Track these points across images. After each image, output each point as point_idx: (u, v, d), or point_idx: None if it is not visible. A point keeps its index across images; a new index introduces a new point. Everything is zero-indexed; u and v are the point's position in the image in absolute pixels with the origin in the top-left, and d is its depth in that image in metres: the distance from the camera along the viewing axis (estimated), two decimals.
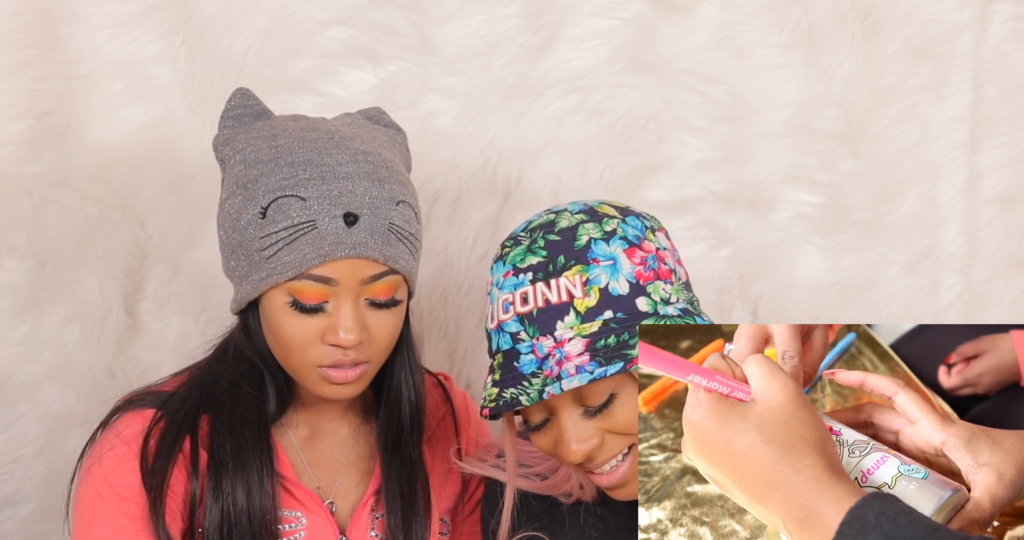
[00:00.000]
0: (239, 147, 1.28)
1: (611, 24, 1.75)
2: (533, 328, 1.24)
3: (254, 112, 1.32)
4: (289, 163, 1.23)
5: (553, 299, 1.24)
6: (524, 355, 1.24)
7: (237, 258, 1.25)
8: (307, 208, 1.21)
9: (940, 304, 1.79)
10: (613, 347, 1.21)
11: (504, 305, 1.26)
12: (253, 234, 1.22)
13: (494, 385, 1.25)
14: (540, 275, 1.25)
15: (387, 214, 1.23)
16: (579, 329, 1.23)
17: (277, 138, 1.26)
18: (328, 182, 1.22)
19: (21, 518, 1.65)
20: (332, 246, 1.21)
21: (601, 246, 1.25)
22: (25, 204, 1.65)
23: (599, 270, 1.24)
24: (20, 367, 1.65)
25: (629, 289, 1.25)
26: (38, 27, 1.65)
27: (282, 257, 1.21)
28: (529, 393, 1.21)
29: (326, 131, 1.27)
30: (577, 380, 1.19)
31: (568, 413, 1.24)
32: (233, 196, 1.25)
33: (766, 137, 1.77)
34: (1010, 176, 1.79)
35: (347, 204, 1.21)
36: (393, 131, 1.37)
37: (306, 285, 1.22)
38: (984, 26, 1.78)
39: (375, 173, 1.25)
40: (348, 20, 1.71)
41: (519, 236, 1.30)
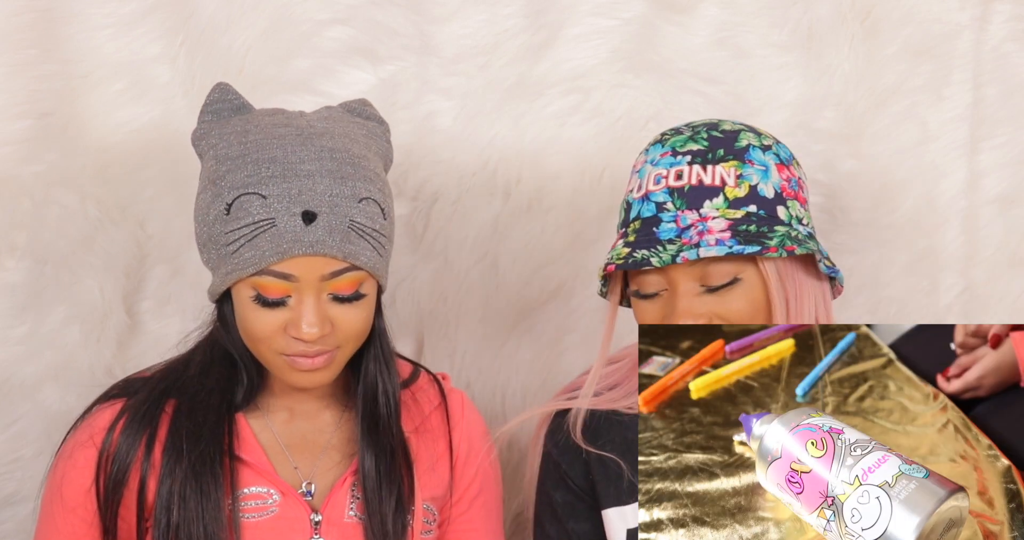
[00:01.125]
0: (213, 142, 1.30)
1: (611, 24, 1.75)
2: (681, 201, 1.33)
3: (233, 107, 1.34)
4: (255, 160, 1.26)
5: (707, 180, 1.34)
6: (665, 223, 1.33)
7: (208, 251, 1.29)
8: (267, 206, 1.23)
9: (940, 304, 1.79)
10: (753, 233, 1.30)
11: (656, 178, 1.35)
12: (219, 229, 1.25)
13: (626, 246, 1.33)
14: (699, 159, 1.35)
15: (347, 212, 1.25)
16: (724, 212, 1.32)
17: (248, 134, 1.29)
18: (289, 180, 1.24)
19: (21, 518, 1.65)
20: (290, 243, 1.23)
21: (758, 153, 1.36)
22: (25, 204, 1.65)
23: (752, 170, 1.34)
24: (20, 367, 1.65)
25: (773, 195, 1.34)
26: (38, 27, 1.65)
27: (244, 253, 1.24)
28: (662, 256, 1.30)
29: (297, 127, 1.29)
30: (716, 250, 1.28)
31: (687, 287, 1.32)
32: (204, 191, 1.29)
33: None
34: (1010, 176, 1.79)
35: (306, 202, 1.24)
36: (374, 124, 1.37)
37: (267, 281, 1.25)
38: (984, 26, 1.78)
39: (339, 170, 1.26)
40: (348, 20, 1.71)
41: (681, 128, 1.40)
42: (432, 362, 1.73)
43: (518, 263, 1.75)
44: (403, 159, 1.73)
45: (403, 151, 1.73)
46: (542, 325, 1.76)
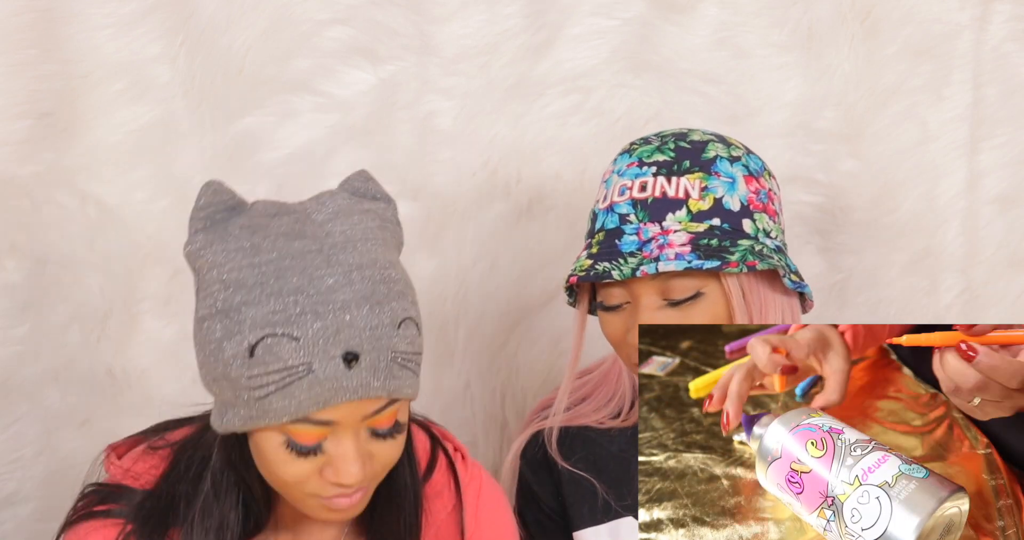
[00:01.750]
0: (215, 261, 1.12)
1: (611, 24, 1.75)
2: (644, 213, 1.32)
3: (227, 207, 1.15)
4: (276, 292, 1.09)
5: (670, 193, 1.32)
6: (628, 235, 1.32)
7: (220, 386, 1.12)
8: (301, 348, 1.07)
9: (940, 304, 1.79)
10: (715, 247, 1.29)
11: (621, 189, 1.35)
12: (240, 372, 1.09)
13: (589, 257, 1.33)
14: (663, 171, 1.33)
15: (390, 343, 1.10)
16: (687, 225, 1.31)
17: (259, 252, 1.11)
18: (323, 316, 1.08)
19: (21, 518, 1.65)
20: (332, 391, 1.08)
21: (725, 164, 1.34)
22: (25, 204, 1.65)
23: (718, 182, 1.33)
24: (20, 367, 1.65)
25: (739, 208, 1.33)
26: (38, 27, 1.65)
27: (275, 401, 1.08)
28: (622, 269, 1.29)
29: (313, 239, 1.12)
30: (674, 265, 1.27)
31: (649, 301, 1.32)
32: (212, 319, 1.11)
33: (766, 137, 1.77)
34: (1010, 176, 1.79)
35: (346, 341, 1.08)
36: (382, 205, 1.21)
37: (303, 428, 1.10)
38: (984, 26, 1.78)
39: (374, 293, 1.11)
40: (348, 20, 1.71)
41: (650, 138, 1.39)
42: (432, 362, 1.73)
43: (518, 263, 1.75)
44: (403, 159, 1.73)
45: (403, 151, 1.73)
46: (542, 325, 1.76)
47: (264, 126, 1.70)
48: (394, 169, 1.73)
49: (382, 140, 1.73)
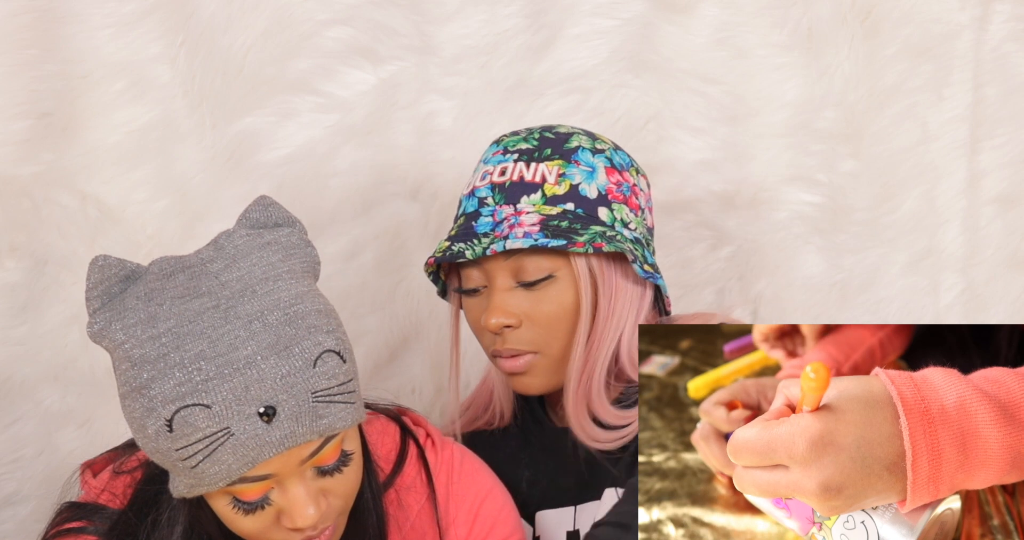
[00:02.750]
0: (118, 340, 1.09)
1: (611, 24, 1.75)
2: (500, 196, 1.35)
3: (119, 278, 1.12)
4: (179, 363, 1.06)
5: (527, 177, 1.35)
6: (484, 217, 1.35)
7: (157, 458, 1.10)
8: (215, 415, 1.04)
9: (940, 304, 1.79)
10: (564, 229, 1.31)
11: (483, 175, 1.38)
12: (166, 445, 1.06)
13: (447, 239, 1.35)
14: (524, 157, 1.37)
15: (307, 386, 1.06)
16: (540, 207, 1.34)
17: (156, 322, 1.08)
18: (229, 378, 1.05)
19: (21, 518, 1.65)
20: (256, 449, 1.06)
21: (587, 154, 1.37)
22: (25, 204, 1.65)
23: (576, 171, 1.35)
24: (20, 367, 1.65)
25: (596, 196, 1.35)
26: (38, 27, 1.65)
27: (206, 469, 1.06)
28: (475, 249, 1.32)
29: (209, 295, 1.09)
30: (521, 243, 1.30)
31: (502, 282, 1.34)
32: (130, 398, 1.08)
33: (766, 137, 1.77)
34: (1010, 176, 1.79)
35: (258, 397, 1.05)
36: (286, 231, 1.16)
37: (244, 487, 1.09)
38: (984, 26, 1.78)
39: (279, 339, 1.07)
40: (348, 20, 1.71)
41: (519, 130, 1.41)
42: (431, 362, 1.72)
43: None
44: (403, 159, 1.74)
45: (403, 151, 1.73)
46: None
47: (264, 126, 1.70)
48: (394, 169, 1.73)
49: (382, 140, 1.73)
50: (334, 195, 1.72)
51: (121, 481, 1.24)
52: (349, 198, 1.72)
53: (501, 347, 1.35)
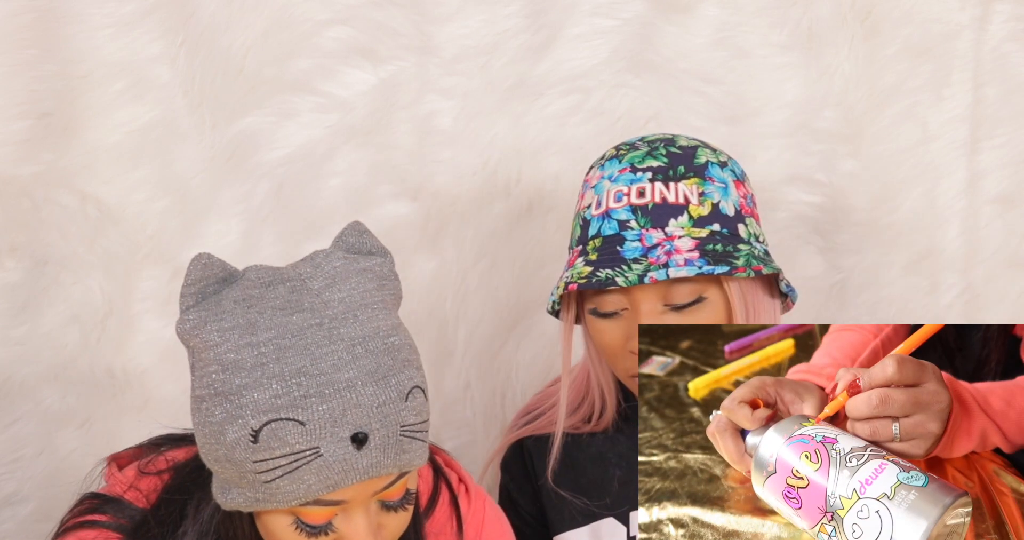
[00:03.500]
0: (211, 341, 1.07)
1: (611, 24, 1.75)
2: (646, 219, 1.31)
3: (218, 280, 1.10)
4: (278, 375, 1.04)
5: (671, 198, 1.32)
6: (630, 241, 1.31)
7: (223, 466, 1.08)
8: (308, 433, 1.04)
9: (940, 304, 1.79)
10: (720, 252, 1.30)
11: (617, 195, 1.33)
12: (244, 456, 1.05)
13: (587, 264, 1.31)
14: (660, 176, 1.33)
15: (398, 418, 1.06)
16: (689, 230, 1.31)
17: (256, 330, 1.06)
18: (328, 398, 1.04)
19: (21, 518, 1.65)
20: (342, 474, 1.05)
21: (717, 169, 1.35)
22: (25, 204, 1.65)
23: (713, 188, 1.33)
24: (20, 367, 1.65)
25: (734, 213, 1.34)
26: (38, 27, 1.65)
27: (283, 486, 1.05)
28: (628, 276, 1.28)
29: (312, 311, 1.07)
30: (685, 270, 1.27)
31: (650, 307, 1.31)
32: (211, 401, 1.07)
33: (766, 137, 1.77)
34: (1010, 176, 1.79)
35: (354, 422, 1.04)
36: (379, 261, 1.15)
37: (313, 509, 1.08)
38: (984, 26, 1.78)
39: (379, 368, 1.07)
40: (348, 20, 1.71)
41: (636, 143, 1.38)
42: (431, 362, 1.73)
43: (518, 263, 1.75)
44: (403, 159, 1.73)
45: (403, 151, 1.73)
46: (542, 325, 1.76)
47: (264, 126, 1.70)
48: (394, 169, 1.73)
49: (382, 140, 1.73)
50: (334, 195, 1.72)
51: (148, 482, 1.22)
52: (349, 198, 1.72)
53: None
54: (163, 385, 1.68)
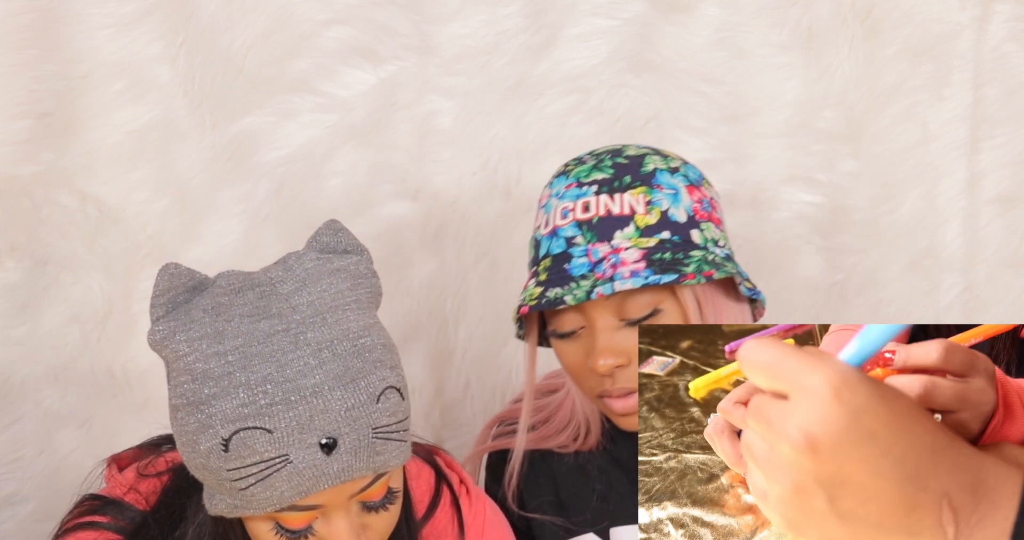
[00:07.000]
0: (181, 351, 1.07)
1: (611, 24, 1.75)
2: (591, 234, 1.27)
3: (187, 288, 1.10)
4: (244, 383, 1.04)
5: (615, 210, 1.27)
6: (576, 258, 1.27)
7: (202, 474, 1.08)
8: (276, 441, 1.03)
9: (940, 304, 1.79)
10: (668, 261, 1.25)
11: (563, 212, 1.29)
12: (218, 464, 1.05)
13: (538, 285, 1.28)
14: (605, 188, 1.28)
15: (369, 421, 1.05)
16: (636, 241, 1.27)
17: (223, 338, 1.06)
18: (295, 405, 1.03)
19: (21, 518, 1.65)
20: (312, 480, 1.05)
21: (666, 176, 1.30)
22: (25, 204, 1.65)
23: (662, 195, 1.29)
24: (20, 367, 1.65)
25: (686, 219, 1.29)
26: (38, 27, 1.65)
27: (257, 492, 1.05)
28: (576, 293, 1.24)
29: (279, 317, 1.07)
30: (631, 283, 1.23)
31: (605, 323, 1.27)
32: (185, 411, 1.07)
33: (766, 137, 1.77)
34: (1010, 176, 1.79)
35: (321, 428, 1.04)
36: (354, 259, 1.14)
37: (290, 515, 1.07)
38: (984, 26, 1.78)
39: (347, 371, 1.06)
40: (348, 20, 1.71)
41: (584, 157, 1.33)
42: (431, 362, 1.73)
43: (518, 263, 1.75)
44: (403, 159, 1.74)
45: (403, 151, 1.74)
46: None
47: (264, 126, 1.70)
48: (394, 169, 1.73)
49: (382, 140, 1.73)
50: (334, 195, 1.72)
51: (148, 484, 1.23)
52: (349, 198, 1.72)
53: (611, 387, 1.29)
54: (163, 385, 1.66)
